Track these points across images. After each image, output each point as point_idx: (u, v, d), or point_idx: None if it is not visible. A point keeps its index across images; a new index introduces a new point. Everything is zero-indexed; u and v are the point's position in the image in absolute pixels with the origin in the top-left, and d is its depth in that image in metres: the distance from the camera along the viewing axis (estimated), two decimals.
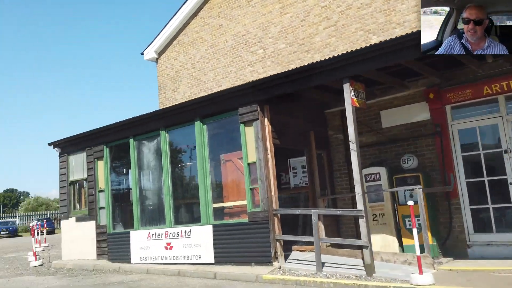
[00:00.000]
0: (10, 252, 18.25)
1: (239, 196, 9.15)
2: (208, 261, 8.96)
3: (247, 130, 8.78)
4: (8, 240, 32.27)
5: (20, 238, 34.81)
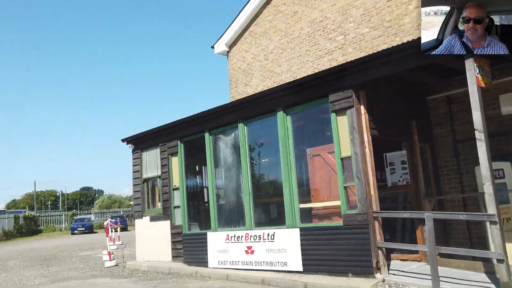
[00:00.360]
0: (85, 250, 18.39)
1: (329, 195, 8.03)
2: (295, 268, 7.92)
3: (339, 120, 7.63)
4: (84, 237, 33.34)
5: (95, 235, 35.96)
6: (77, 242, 24.64)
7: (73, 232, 39.64)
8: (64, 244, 23.63)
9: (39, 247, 22.19)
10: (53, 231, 44.45)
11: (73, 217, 46.18)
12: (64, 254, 16.88)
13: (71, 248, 20.02)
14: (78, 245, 22.13)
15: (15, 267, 13.28)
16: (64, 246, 22.23)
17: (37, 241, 30.14)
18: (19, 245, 26.98)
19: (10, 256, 17.67)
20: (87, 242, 23.77)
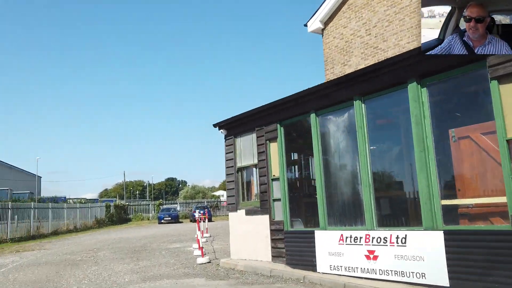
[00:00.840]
0: (174, 242, 17.83)
1: (485, 190, 6.16)
2: (438, 283, 6.15)
3: (503, 90, 5.71)
4: (171, 227, 33.54)
5: (181, 225, 36.20)
6: (164, 233, 24.53)
7: (160, 221, 40.37)
8: (152, 235, 23.56)
9: (128, 237, 22.26)
10: (141, 220, 45.83)
11: (159, 206, 47.28)
12: (153, 246, 16.38)
13: (160, 239, 19.66)
14: (165, 235, 21.86)
15: (106, 260, 12.80)
16: (152, 236, 22.08)
17: (127, 230, 30.76)
18: (110, 233, 27.57)
19: (101, 246, 17.60)
20: (174, 233, 23.52)
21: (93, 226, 35.69)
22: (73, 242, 20.48)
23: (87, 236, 24.98)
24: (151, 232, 25.96)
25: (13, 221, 23.73)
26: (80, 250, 16.02)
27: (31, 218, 25.65)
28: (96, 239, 21.95)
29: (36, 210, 26.65)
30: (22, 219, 24.93)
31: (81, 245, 18.72)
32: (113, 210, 41.93)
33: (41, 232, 26.49)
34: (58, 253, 15.43)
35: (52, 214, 28.70)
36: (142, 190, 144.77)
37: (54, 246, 18.84)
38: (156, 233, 24.52)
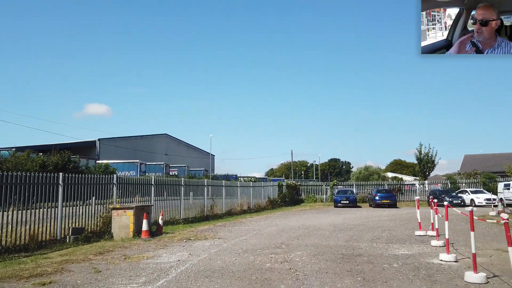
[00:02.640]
0: (389, 241, 12.10)
1: None
2: None
3: None
4: (353, 213, 27.94)
5: (365, 211, 30.39)
6: (356, 222, 19.09)
7: (337, 204, 35.40)
8: (342, 224, 18.31)
9: (314, 226, 17.40)
10: (314, 202, 41.50)
11: (333, 187, 42.28)
12: (365, 248, 10.99)
13: (362, 234, 14.22)
14: (361, 226, 16.36)
15: (310, 274, 7.78)
16: (345, 227, 16.80)
17: (305, 214, 26.25)
18: (287, 217, 23.28)
19: (288, 240, 12.92)
20: (369, 223, 17.92)
21: (266, 207, 32.34)
22: (250, 230, 16.39)
23: (264, 221, 20.97)
24: (338, 220, 20.77)
25: (187, 198, 21.04)
26: (263, 246, 11.50)
27: (204, 196, 22.86)
28: (276, 226, 17.60)
29: (210, 188, 23.83)
30: (196, 196, 22.21)
31: (261, 235, 14.39)
32: (285, 190, 38.34)
33: (215, 212, 23.61)
34: (235, 249, 11.11)
35: (225, 192, 25.77)
36: (306, 170, 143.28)
37: (229, 234, 14.89)
38: (346, 222, 19.22)
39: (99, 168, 44.77)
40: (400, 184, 41.70)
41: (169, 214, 19.12)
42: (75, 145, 61.08)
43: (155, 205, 17.98)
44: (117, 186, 15.68)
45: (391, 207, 34.54)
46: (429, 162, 42.56)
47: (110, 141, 63.72)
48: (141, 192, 17.29)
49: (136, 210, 14.25)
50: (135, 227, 14.11)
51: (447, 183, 40.31)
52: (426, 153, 43.01)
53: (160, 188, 18.80)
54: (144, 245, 12.14)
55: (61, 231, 12.92)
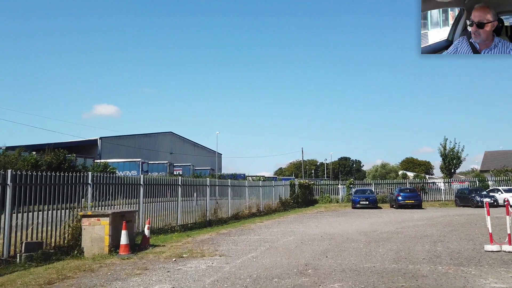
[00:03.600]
0: (464, 264, 8.51)
1: None
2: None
3: None
4: (378, 216, 24.33)
5: (385, 212, 26.86)
6: (388, 228, 15.57)
7: (355, 205, 31.92)
8: (374, 231, 14.81)
9: (342, 234, 13.93)
10: (329, 202, 37.96)
11: (350, 187, 38.71)
12: (436, 278, 7.49)
13: (414, 251, 10.75)
14: (406, 239, 12.81)
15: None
16: (380, 235, 13.30)
17: (324, 218, 22.74)
18: (304, 222, 19.79)
19: (317, 256, 9.49)
20: (404, 228, 14.38)
21: (277, 209, 28.87)
22: (261, 240, 12.97)
23: (277, 227, 17.51)
24: (365, 225, 17.26)
25: (185, 200, 17.69)
26: (281, 271, 8.04)
27: (207, 198, 19.46)
28: (293, 235, 14.14)
29: (213, 188, 20.43)
30: (197, 197, 18.85)
31: (276, 250, 10.97)
32: (298, 190, 34.85)
33: (219, 216, 20.21)
34: (241, 277, 7.68)
35: (231, 193, 22.36)
36: (316, 169, 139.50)
37: (234, 248, 11.48)
38: (377, 228, 15.71)
39: (98, 167, 41.57)
40: (423, 183, 37.92)
41: (163, 220, 15.77)
42: (76, 144, 58.19)
43: (145, 210, 14.65)
44: (94, 186, 12.34)
45: (416, 208, 30.94)
46: (454, 158, 38.81)
47: (112, 140, 60.69)
48: (126, 194, 13.96)
49: (114, 218, 10.89)
50: (112, 240, 10.77)
51: (475, 181, 36.54)
52: (451, 149, 39.28)
53: (152, 189, 15.44)
54: (117, 267, 8.79)
55: (8, 248, 9.60)
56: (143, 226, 13.34)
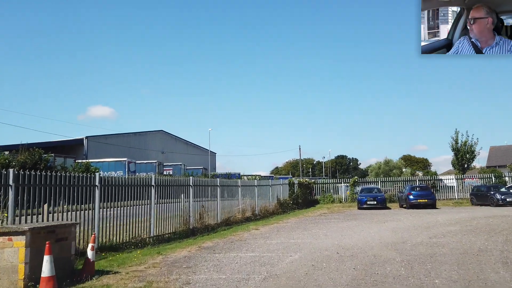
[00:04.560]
0: None
1: None
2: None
3: None
4: (392, 217, 20.69)
5: (399, 214, 23.22)
6: (420, 239, 11.89)
7: (362, 206, 28.35)
8: (404, 242, 11.14)
9: (363, 248, 10.27)
10: (331, 202, 34.32)
11: (354, 185, 35.11)
12: None
13: (489, 283, 7.16)
14: (458, 257, 9.13)
15: None
16: (417, 251, 9.65)
17: (330, 222, 19.08)
18: (309, 228, 16.13)
19: None
20: (456, 244, 10.63)
21: (275, 211, 25.17)
22: (255, 262, 9.30)
23: (276, 238, 13.85)
24: (386, 233, 13.61)
25: (162, 203, 14.05)
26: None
27: (190, 200, 15.78)
28: (299, 252, 10.46)
29: (200, 189, 16.76)
30: (178, 200, 15.20)
31: (276, 277, 7.33)
32: (297, 190, 31.20)
33: (206, 223, 16.54)
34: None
35: (221, 194, 18.66)
36: (313, 167, 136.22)
37: (216, 278, 7.81)
38: (404, 237, 12.05)
39: (79, 168, 37.69)
40: (434, 180, 34.29)
41: (130, 232, 12.09)
42: (61, 144, 54.35)
43: (104, 218, 11.00)
44: (16, 189, 8.64)
45: (429, 208, 27.39)
46: (468, 152, 35.27)
47: (99, 139, 56.85)
48: (77, 197, 10.29)
49: (35, 236, 7.21)
50: (31, 270, 7.10)
51: (491, 177, 33.01)
52: (464, 142, 35.74)
53: (114, 191, 11.75)
54: None
55: None
56: (97, 243, 9.67)
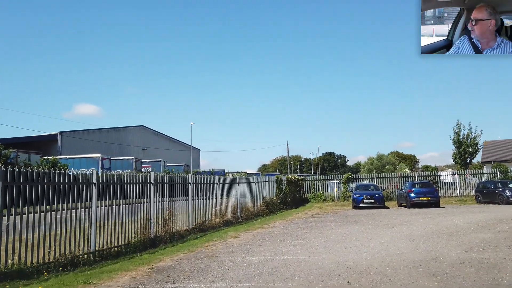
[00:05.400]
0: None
1: None
2: None
3: None
4: (398, 219, 17.44)
5: (405, 214, 20.02)
6: (458, 254, 8.60)
7: (357, 205, 25.22)
8: (438, 259, 7.91)
9: (386, 273, 7.02)
10: (323, 201, 31.10)
11: (347, 182, 31.94)
12: None
13: None
14: None
15: None
16: (472, 277, 6.51)
17: (326, 226, 15.77)
18: (302, 236, 12.77)
19: None
20: None
21: (260, 212, 21.81)
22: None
23: (260, 251, 10.51)
24: (401, 243, 10.31)
25: (108, 205, 10.62)
26: None
27: (151, 201, 12.34)
28: (291, 281, 7.14)
29: (167, 187, 13.31)
30: (135, 201, 11.79)
31: None
32: (285, 187, 27.89)
33: (173, 230, 13.11)
34: None
35: (193, 193, 15.23)
36: (300, 164, 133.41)
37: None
38: (431, 252, 8.74)
39: (45, 164, 33.77)
40: (434, 175, 31.28)
41: (59, 246, 8.61)
42: (34, 140, 50.31)
43: (13, 229, 7.53)
44: None
45: (433, 207, 24.37)
46: (471, 146, 32.32)
47: (75, 134, 52.84)
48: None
49: None
50: None
51: (496, 172, 30.14)
52: (466, 135, 32.79)
53: (35, 191, 8.26)
54: None
55: None
56: None
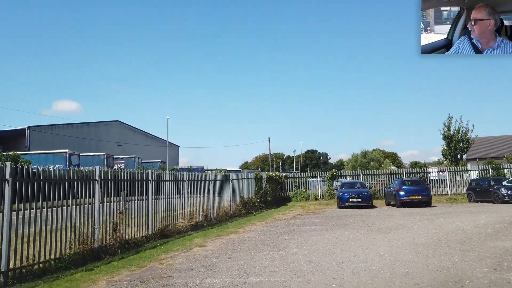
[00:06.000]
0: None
1: None
2: None
3: None
4: (391, 221, 15.29)
5: (393, 213, 17.92)
6: None
7: (343, 204, 23.20)
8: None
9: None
10: (306, 200, 28.98)
11: (331, 181, 29.85)
12: None
13: None
14: None
15: None
16: None
17: (310, 231, 13.48)
18: (282, 245, 10.46)
19: None
20: None
21: (237, 213, 19.49)
22: None
23: (227, 268, 8.18)
24: (409, 256, 8.09)
25: (32, 210, 8.15)
26: None
27: (96, 203, 9.88)
28: None
29: (117, 184, 10.88)
30: (73, 202, 9.33)
31: None
32: (266, 185, 25.62)
33: (127, 236, 10.69)
34: None
35: (153, 191, 12.79)
36: (283, 162, 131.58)
37: None
38: (450, 270, 6.65)
39: (4, 160, 30.66)
40: (424, 172, 29.45)
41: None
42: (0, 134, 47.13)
43: None
44: None
45: (424, 206, 22.45)
46: (462, 141, 30.62)
47: (44, 129, 49.54)
48: None
49: None
50: None
51: (488, 169, 28.46)
52: (457, 129, 31.07)
53: None
54: None
55: None
56: None
